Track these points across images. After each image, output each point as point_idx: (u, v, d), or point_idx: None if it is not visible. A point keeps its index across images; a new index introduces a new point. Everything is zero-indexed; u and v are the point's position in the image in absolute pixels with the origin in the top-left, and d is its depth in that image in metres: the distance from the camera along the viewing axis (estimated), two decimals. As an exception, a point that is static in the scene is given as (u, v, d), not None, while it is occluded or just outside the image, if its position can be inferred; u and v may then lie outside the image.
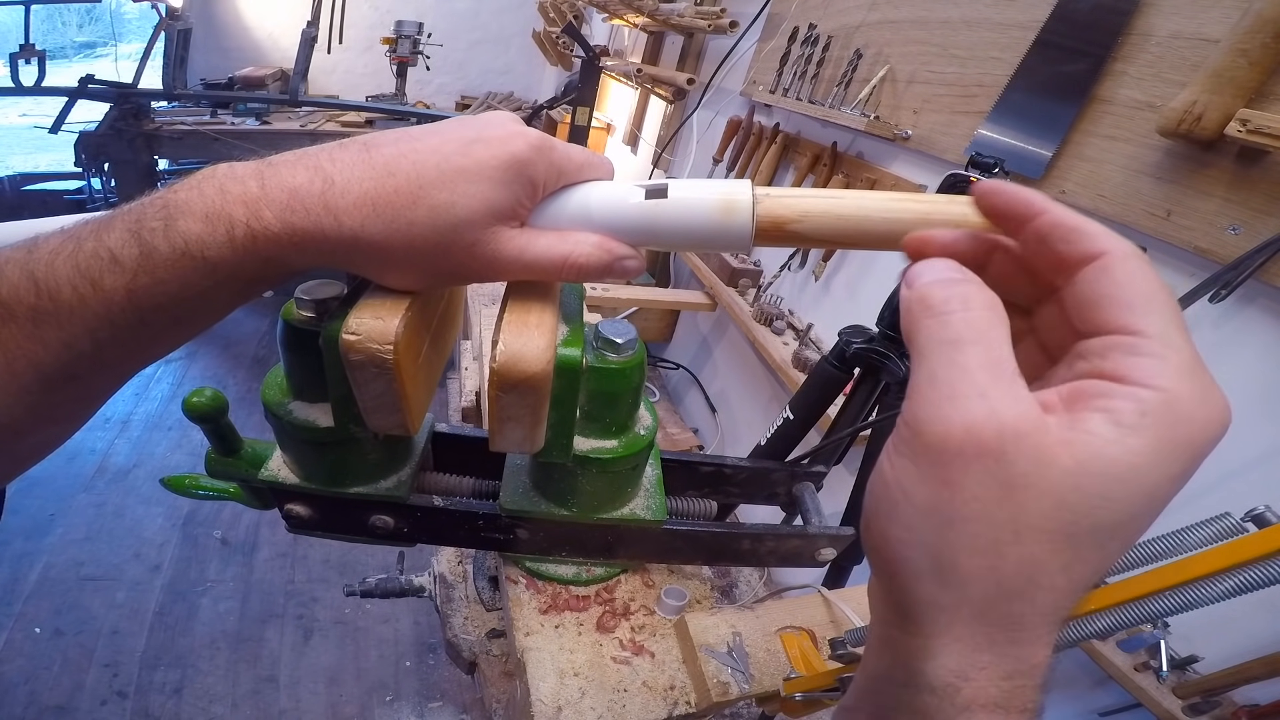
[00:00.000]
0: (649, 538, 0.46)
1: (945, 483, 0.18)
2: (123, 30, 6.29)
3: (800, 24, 1.39)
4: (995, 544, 0.17)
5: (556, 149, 0.28)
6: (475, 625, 0.75)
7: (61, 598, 1.55)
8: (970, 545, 0.17)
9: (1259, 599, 0.27)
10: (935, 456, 0.18)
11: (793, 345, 1.31)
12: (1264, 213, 0.66)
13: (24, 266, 0.22)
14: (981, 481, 0.17)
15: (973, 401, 0.17)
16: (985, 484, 0.17)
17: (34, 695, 1.35)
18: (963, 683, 0.18)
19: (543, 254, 0.27)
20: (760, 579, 0.70)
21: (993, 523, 0.17)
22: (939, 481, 0.18)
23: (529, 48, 3.34)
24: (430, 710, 1.45)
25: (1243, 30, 0.64)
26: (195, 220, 0.23)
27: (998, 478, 0.17)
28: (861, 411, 0.76)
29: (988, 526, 0.17)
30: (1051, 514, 0.17)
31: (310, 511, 0.42)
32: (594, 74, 2.10)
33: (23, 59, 2.28)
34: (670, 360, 2.05)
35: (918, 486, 0.18)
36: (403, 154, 0.25)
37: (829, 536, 0.49)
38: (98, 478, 1.91)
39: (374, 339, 0.27)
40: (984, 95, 0.98)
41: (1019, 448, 0.17)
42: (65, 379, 0.24)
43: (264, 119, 2.65)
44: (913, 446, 0.18)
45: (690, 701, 0.51)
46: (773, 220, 0.27)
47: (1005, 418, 0.17)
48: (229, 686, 1.42)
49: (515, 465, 0.46)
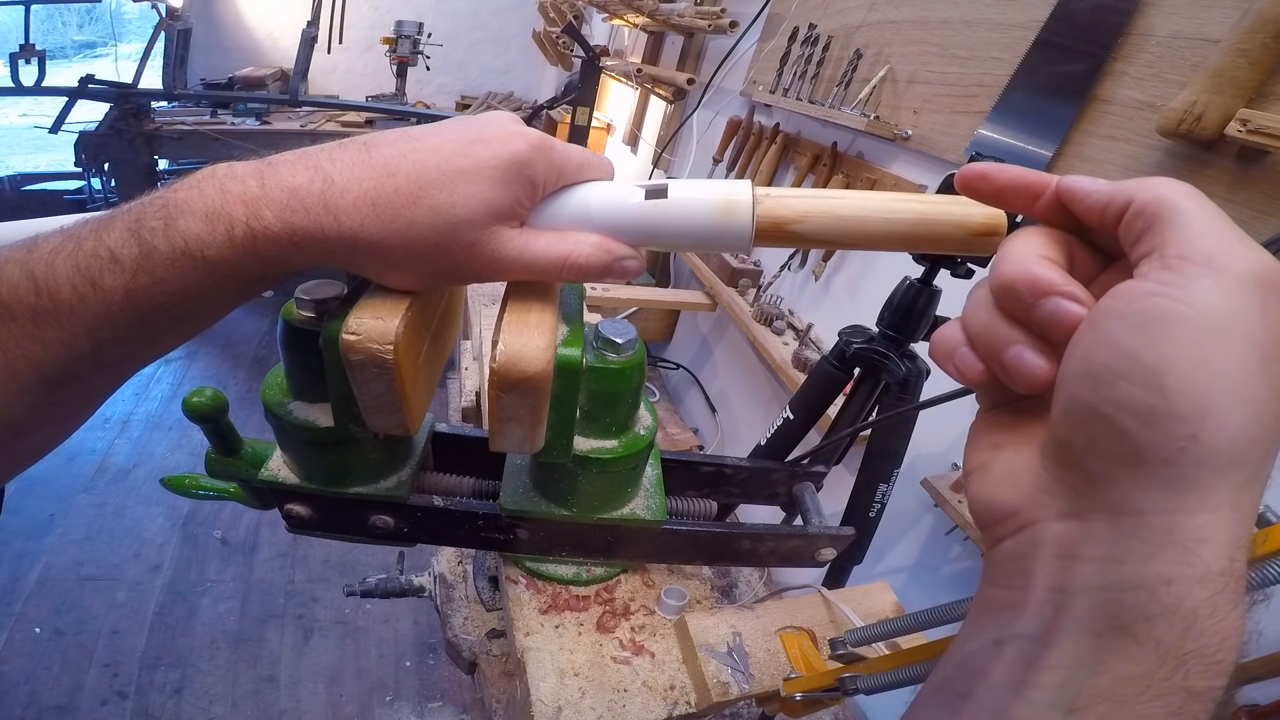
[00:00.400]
0: (649, 538, 0.46)
1: (1263, 317, 0.17)
2: (123, 30, 6.29)
3: (800, 24, 1.39)
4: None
5: (556, 149, 0.28)
6: (475, 625, 0.75)
7: (61, 598, 1.55)
8: (1277, 385, 0.16)
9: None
10: (1252, 287, 0.17)
11: (793, 345, 1.31)
12: (1264, 213, 0.66)
13: (24, 266, 0.22)
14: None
15: (1258, 249, 0.17)
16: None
17: (34, 695, 1.35)
18: (1233, 563, 0.16)
19: (542, 254, 0.27)
20: (760, 579, 0.70)
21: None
22: (1258, 315, 0.17)
23: (529, 48, 3.35)
24: (430, 710, 1.45)
25: (1243, 30, 0.64)
26: (195, 220, 0.23)
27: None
28: (861, 411, 0.76)
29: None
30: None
31: (310, 511, 0.42)
32: (594, 74, 2.10)
33: (23, 59, 2.28)
34: (670, 360, 2.05)
35: (1235, 320, 0.16)
36: (402, 154, 0.25)
37: (829, 536, 0.49)
38: (98, 478, 1.91)
39: (374, 339, 0.27)
40: (984, 95, 0.98)
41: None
42: (65, 378, 0.24)
43: (264, 119, 2.65)
44: (1216, 279, 0.17)
45: (690, 701, 0.51)
46: (773, 220, 0.27)
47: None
48: (229, 686, 1.42)
49: (515, 465, 0.46)
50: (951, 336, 0.23)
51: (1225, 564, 0.16)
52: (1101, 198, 0.21)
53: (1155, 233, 0.19)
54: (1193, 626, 0.16)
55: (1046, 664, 0.17)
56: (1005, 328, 0.21)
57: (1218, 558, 0.16)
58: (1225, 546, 0.16)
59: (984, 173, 0.24)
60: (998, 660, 0.18)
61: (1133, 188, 0.20)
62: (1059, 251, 0.21)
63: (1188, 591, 0.16)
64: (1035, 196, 0.23)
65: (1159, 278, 0.17)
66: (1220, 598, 0.16)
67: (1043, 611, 0.18)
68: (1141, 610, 0.16)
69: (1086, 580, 0.17)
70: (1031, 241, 0.22)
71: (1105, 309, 0.18)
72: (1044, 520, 0.19)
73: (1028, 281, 0.20)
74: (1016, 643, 0.18)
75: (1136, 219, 0.19)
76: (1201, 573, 0.16)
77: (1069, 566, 0.18)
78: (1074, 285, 0.20)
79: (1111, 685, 0.16)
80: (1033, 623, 0.18)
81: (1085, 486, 0.18)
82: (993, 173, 0.24)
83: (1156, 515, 0.16)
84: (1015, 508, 0.20)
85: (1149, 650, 0.16)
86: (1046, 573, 0.18)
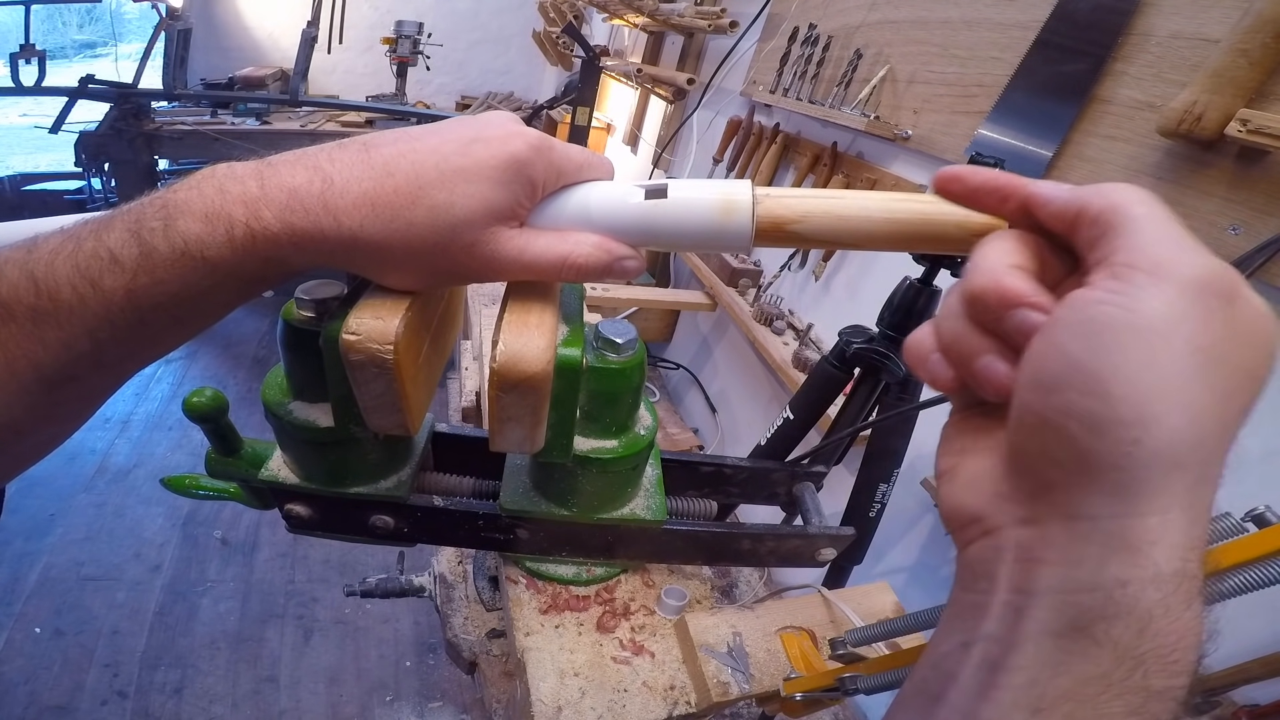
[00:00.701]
0: (649, 538, 0.46)
1: (1205, 321, 0.17)
2: (123, 30, 6.29)
3: (800, 24, 1.39)
4: (1229, 393, 0.17)
5: (556, 149, 0.28)
6: (475, 625, 0.75)
7: (61, 598, 1.55)
8: (1223, 393, 0.17)
9: (1258, 599, 0.27)
10: (1196, 293, 0.17)
11: (793, 345, 1.31)
12: (1264, 213, 0.66)
13: (24, 266, 0.22)
14: (1225, 322, 0.17)
15: (1204, 255, 0.18)
16: (1226, 325, 0.17)
17: (34, 695, 1.35)
18: (1186, 564, 0.16)
19: (542, 254, 0.27)
20: (760, 579, 0.70)
21: (1228, 364, 0.17)
22: (1200, 320, 0.17)
23: (529, 48, 3.34)
24: (430, 710, 1.45)
25: (1243, 30, 0.64)
26: (195, 220, 0.23)
27: (1229, 319, 0.17)
28: (861, 411, 0.76)
29: (1228, 369, 0.17)
30: (1251, 362, 0.17)
31: (310, 511, 0.42)
32: (594, 74, 2.10)
33: (23, 59, 2.28)
34: (670, 360, 2.05)
35: (1179, 326, 0.17)
36: (402, 154, 0.25)
37: (829, 536, 0.49)
38: (98, 478, 1.91)
39: (374, 339, 0.27)
40: (984, 95, 0.98)
41: (1239, 292, 0.18)
42: (65, 379, 0.24)
43: (264, 119, 2.65)
44: (1160, 286, 0.17)
45: (690, 701, 0.51)
46: (773, 220, 0.27)
47: (1230, 271, 0.18)
48: (229, 686, 1.42)
49: (515, 465, 0.46)
50: (924, 342, 0.23)
51: (1178, 565, 0.16)
52: (1060, 205, 0.21)
53: (1107, 240, 0.19)
54: (1148, 627, 0.16)
55: (1011, 665, 0.17)
56: (976, 336, 0.21)
57: (1170, 559, 0.16)
58: (1177, 548, 0.16)
59: (957, 174, 0.24)
60: (966, 663, 0.18)
61: (1088, 195, 0.20)
62: (1030, 257, 0.22)
63: (1142, 592, 0.16)
64: (1005, 199, 0.23)
65: (1107, 286, 0.18)
66: (1173, 598, 0.16)
67: (1006, 614, 0.18)
68: (1099, 611, 0.16)
69: (1046, 583, 0.17)
70: (1003, 248, 0.22)
71: (1056, 318, 0.19)
72: (1006, 526, 0.19)
73: (997, 293, 0.20)
74: (983, 645, 0.18)
75: (1091, 226, 0.20)
76: (1154, 574, 0.16)
77: (1030, 570, 0.18)
78: (1042, 295, 0.20)
79: (1074, 685, 0.16)
80: (997, 625, 0.18)
81: (1041, 492, 0.18)
82: (966, 175, 0.24)
83: (1108, 519, 0.17)
84: (980, 513, 0.20)
85: (1108, 651, 0.16)
86: (1009, 576, 0.18)
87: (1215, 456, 0.17)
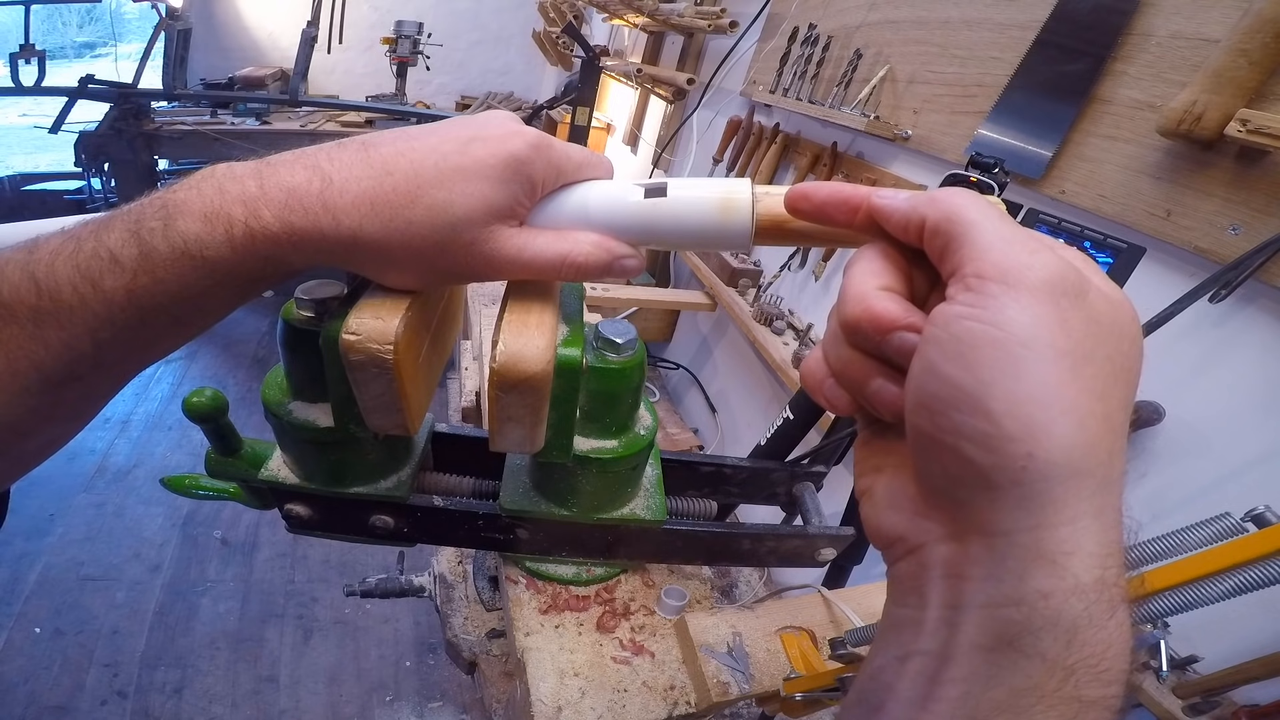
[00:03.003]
0: (649, 538, 0.46)
1: (1063, 323, 0.17)
2: (123, 30, 6.29)
3: (800, 24, 1.39)
4: (1104, 389, 0.17)
5: (555, 148, 0.28)
6: (475, 625, 0.75)
7: (61, 598, 1.55)
8: (1099, 390, 0.17)
9: (1258, 599, 0.27)
10: (1046, 296, 0.17)
11: (793, 345, 1.31)
12: (1264, 213, 0.66)
13: (24, 267, 0.22)
14: (1083, 320, 0.17)
15: (1046, 253, 0.18)
16: (1085, 322, 0.17)
17: (34, 695, 1.35)
18: (1105, 571, 0.16)
19: (541, 253, 0.27)
20: (760, 579, 0.70)
21: (1095, 360, 0.17)
22: (1057, 323, 0.17)
23: (529, 48, 3.34)
24: (430, 710, 1.45)
25: (1243, 30, 0.64)
26: (194, 220, 0.23)
27: (1087, 315, 0.17)
28: (861, 411, 0.76)
29: (1097, 365, 0.17)
30: (1117, 351, 0.17)
31: (310, 511, 0.42)
32: (594, 74, 2.10)
33: (23, 59, 2.28)
34: (670, 360, 2.05)
35: (1039, 332, 0.17)
36: (401, 153, 0.25)
37: (829, 536, 0.49)
38: (98, 478, 1.91)
39: (374, 339, 0.27)
40: (984, 95, 0.98)
41: (1089, 284, 0.18)
42: (67, 379, 0.24)
43: (264, 119, 2.66)
44: (1013, 294, 0.17)
45: (690, 701, 0.51)
46: (772, 219, 0.27)
47: (1076, 264, 0.18)
48: (229, 686, 1.42)
49: (515, 465, 0.46)
50: (817, 369, 0.23)
51: (1098, 574, 0.16)
52: (902, 216, 0.21)
53: (953, 250, 0.19)
54: (1075, 638, 0.16)
55: (946, 678, 0.17)
56: (862, 361, 0.21)
57: (1088, 569, 0.16)
58: (1094, 557, 0.16)
59: (804, 192, 0.24)
60: (903, 676, 0.19)
61: (924, 205, 0.20)
62: (895, 275, 0.21)
63: (1065, 604, 0.16)
64: (854, 211, 0.23)
65: (964, 299, 0.18)
66: (1095, 609, 0.16)
67: (939, 630, 0.18)
68: (1025, 624, 0.16)
69: (973, 598, 0.18)
70: (867, 270, 0.21)
71: (927, 337, 0.19)
72: (930, 543, 0.19)
73: (869, 320, 0.20)
74: (919, 659, 0.18)
75: (935, 237, 0.20)
76: (1074, 585, 0.16)
77: (957, 586, 0.18)
78: (913, 314, 0.20)
79: (1008, 697, 0.16)
80: (931, 640, 0.18)
81: (955, 511, 0.19)
82: (810, 191, 0.24)
83: (1021, 533, 0.17)
84: (903, 533, 0.21)
85: (1037, 663, 0.16)
86: (939, 592, 0.19)
87: (1112, 457, 0.17)
